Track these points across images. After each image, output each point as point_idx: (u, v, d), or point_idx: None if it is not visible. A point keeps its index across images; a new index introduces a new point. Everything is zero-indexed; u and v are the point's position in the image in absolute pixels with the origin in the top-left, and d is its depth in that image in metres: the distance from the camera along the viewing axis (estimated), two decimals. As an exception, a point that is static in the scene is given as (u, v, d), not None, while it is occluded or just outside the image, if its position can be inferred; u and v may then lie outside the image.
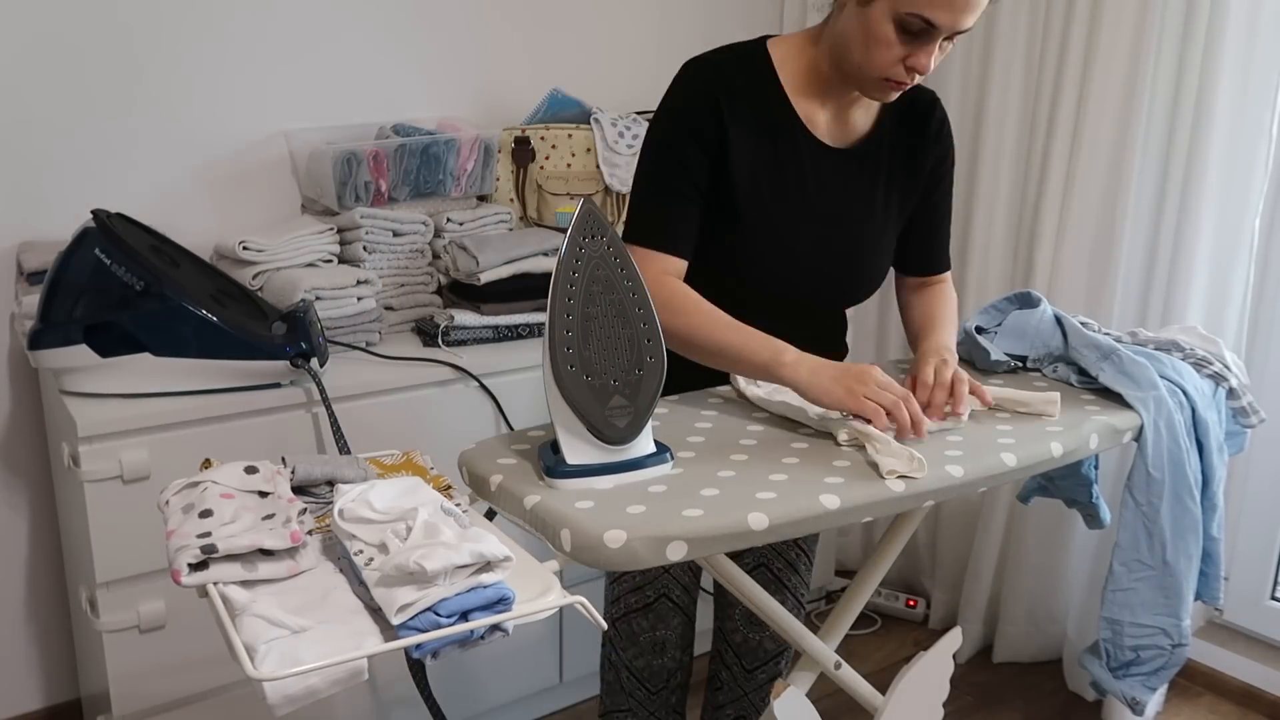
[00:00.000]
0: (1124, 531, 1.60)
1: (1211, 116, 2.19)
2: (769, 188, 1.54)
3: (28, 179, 2.09)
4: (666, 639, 1.77)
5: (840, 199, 1.58)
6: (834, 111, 1.57)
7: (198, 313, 1.78)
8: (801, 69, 1.54)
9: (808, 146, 1.55)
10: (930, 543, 2.89)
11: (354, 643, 1.00)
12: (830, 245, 1.59)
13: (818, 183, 1.56)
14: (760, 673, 1.86)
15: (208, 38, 2.21)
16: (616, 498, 1.23)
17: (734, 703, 1.88)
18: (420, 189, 2.30)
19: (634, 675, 1.79)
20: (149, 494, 1.76)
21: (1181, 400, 1.59)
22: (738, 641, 1.84)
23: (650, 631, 1.76)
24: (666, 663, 1.79)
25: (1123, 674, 1.65)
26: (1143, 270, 2.37)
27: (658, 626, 1.76)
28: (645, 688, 1.79)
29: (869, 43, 1.41)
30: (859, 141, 1.59)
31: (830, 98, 1.56)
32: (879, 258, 1.65)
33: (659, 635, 1.76)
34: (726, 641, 1.86)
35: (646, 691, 1.79)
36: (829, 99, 1.56)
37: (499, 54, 2.56)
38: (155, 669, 1.86)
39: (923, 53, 1.41)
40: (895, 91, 1.48)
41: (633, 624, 1.76)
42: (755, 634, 1.83)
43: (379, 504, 1.12)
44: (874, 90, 1.49)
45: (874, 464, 1.31)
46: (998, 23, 2.50)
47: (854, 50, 1.44)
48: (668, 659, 1.79)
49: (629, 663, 1.79)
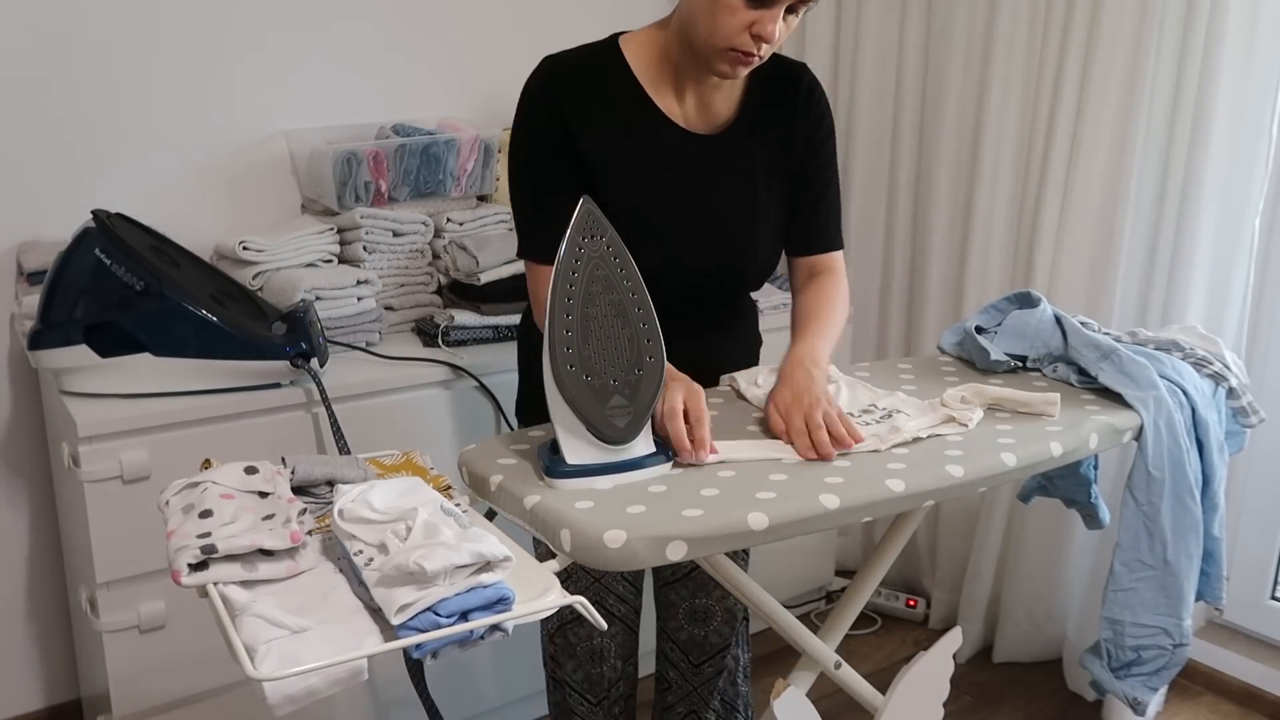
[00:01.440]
0: (1125, 531, 1.60)
1: (1211, 116, 2.18)
2: (635, 181, 1.54)
3: (28, 179, 2.09)
4: (605, 647, 1.77)
5: (712, 184, 1.58)
6: (695, 99, 1.56)
7: (198, 313, 1.78)
8: (654, 60, 1.55)
9: (670, 136, 1.55)
10: (930, 543, 2.89)
11: (354, 643, 1.00)
12: (709, 231, 1.58)
13: (687, 171, 1.56)
14: (708, 666, 1.86)
15: (208, 38, 2.21)
16: (616, 498, 1.22)
17: (683, 700, 1.88)
18: (420, 189, 2.30)
19: (575, 689, 1.79)
20: (149, 494, 1.76)
21: (1181, 400, 1.59)
22: (683, 639, 1.84)
23: (587, 640, 1.76)
24: (606, 671, 1.78)
25: (1124, 674, 1.64)
26: (1143, 270, 2.37)
27: (594, 634, 1.75)
28: (587, 700, 1.79)
29: (714, 12, 1.41)
30: (725, 125, 1.59)
31: (688, 85, 1.55)
32: (763, 238, 1.62)
33: (596, 644, 1.76)
34: (671, 641, 1.86)
35: (589, 704, 1.79)
36: (686, 86, 1.55)
37: (499, 54, 2.56)
38: (155, 669, 1.86)
39: (767, 19, 1.40)
40: (744, 66, 1.46)
41: (568, 635, 1.76)
42: (700, 630, 1.83)
43: (379, 504, 1.12)
44: (722, 63, 1.46)
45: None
46: (998, 22, 2.50)
47: (700, 24, 1.44)
48: (607, 668, 1.78)
49: (569, 676, 1.78)
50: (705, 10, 1.42)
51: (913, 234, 2.84)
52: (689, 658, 1.85)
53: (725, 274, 1.63)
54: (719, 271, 1.62)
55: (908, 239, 2.85)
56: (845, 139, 2.90)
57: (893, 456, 1.35)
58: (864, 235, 2.91)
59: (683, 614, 1.83)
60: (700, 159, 1.57)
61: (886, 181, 2.87)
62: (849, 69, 2.86)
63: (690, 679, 1.86)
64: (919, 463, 1.34)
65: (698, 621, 1.82)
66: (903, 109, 2.77)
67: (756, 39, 1.42)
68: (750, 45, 1.42)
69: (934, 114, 2.71)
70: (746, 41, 1.42)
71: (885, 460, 1.34)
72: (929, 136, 2.73)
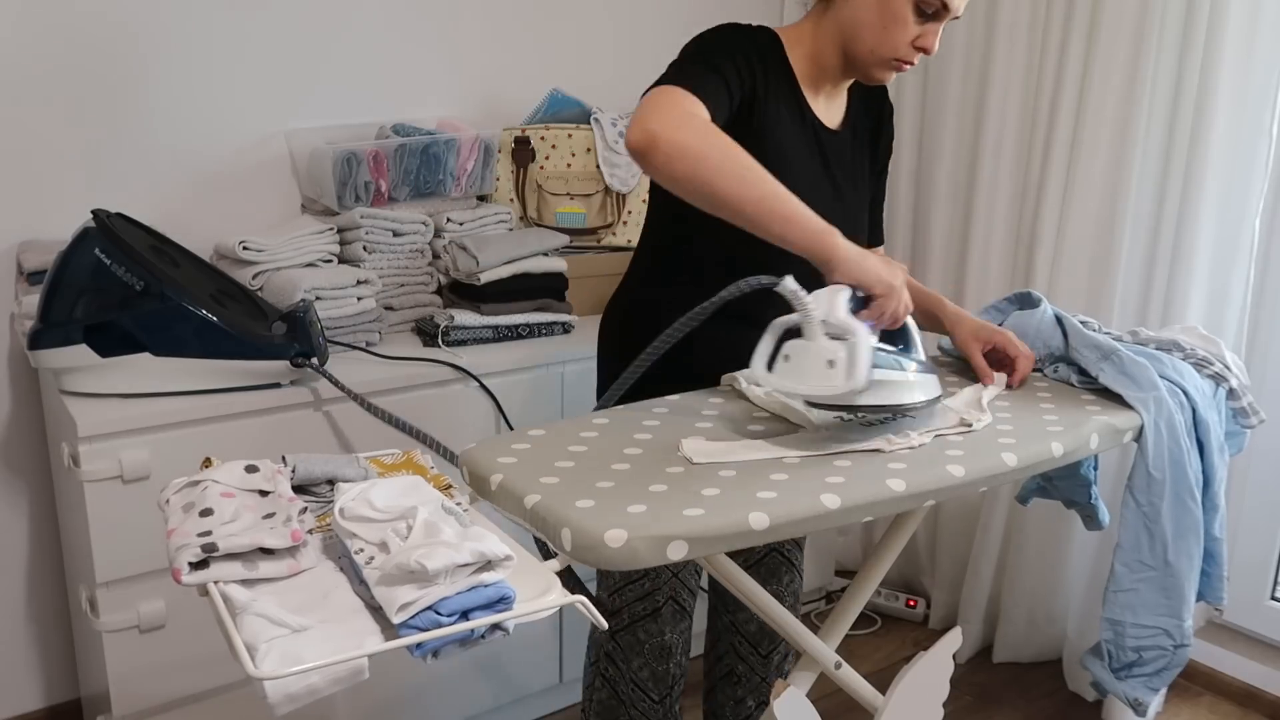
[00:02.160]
0: (1125, 532, 1.60)
1: (1211, 116, 2.19)
2: (792, 155, 1.59)
3: (28, 179, 2.09)
4: (674, 643, 1.77)
5: (840, 177, 1.66)
6: (827, 97, 1.66)
7: (198, 313, 1.78)
8: (804, 56, 1.62)
9: (814, 123, 1.63)
10: (930, 543, 2.89)
11: (354, 642, 1.00)
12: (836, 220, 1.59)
13: (823, 162, 1.64)
14: (775, 654, 1.89)
15: (208, 37, 2.21)
16: (617, 496, 1.22)
17: (753, 692, 1.89)
18: (420, 189, 2.30)
19: (638, 686, 1.78)
20: (149, 494, 1.76)
21: (1182, 400, 1.59)
22: (753, 630, 1.85)
23: (658, 637, 1.75)
24: (672, 668, 1.78)
25: (1125, 675, 1.64)
26: (1143, 270, 2.37)
27: (665, 631, 1.75)
28: (649, 696, 1.78)
29: (886, 25, 1.52)
30: (842, 125, 1.69)
31: (824, 84, 1.64)
32: (859, 234, 1.73)
33: (666, 640, 1.76)
34: (740, 633, 1.86)
35: (650, 700, 1.78)
36: (823, 85, 1.64)
37: (499, 54, 2.56)
38: (155, 669, 1.86)
39: (932, 33, 1.53)
40: (898, 73, 1.59)
41: (638, 632, 1.75)
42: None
43: (379, 503, 1.12)
44: (880, 71, 1.58)
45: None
46: (998, 22, 2.50)
47: (867, 35, 1.54)
48: (673, 664, 1.78)
49: (634, 674, 1.77)
50: (876, 24, 1.52)
51: (913, 234, 2.84)
52: (758, 650, 1.86)
53: None
54: None
55: (908, 239, 2.85)
56: (845, 139, 2.91)
57: (894, 456, 1.35)
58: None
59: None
60: (833, 153, 1.66)
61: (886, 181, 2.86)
62: (849, 69, 2.86)
63: (759, 670, 1.88)
64: (920, 462, 1.34)
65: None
66: (903, 109, 2.77)
67: (919, 50, 1.54)
68: (912, 56, 1.55)
69: (934, 114, 2.71)
70: (910, 53, 1.54)
71: (886, 460, 1.34)
72: (929, 136, 2.73)
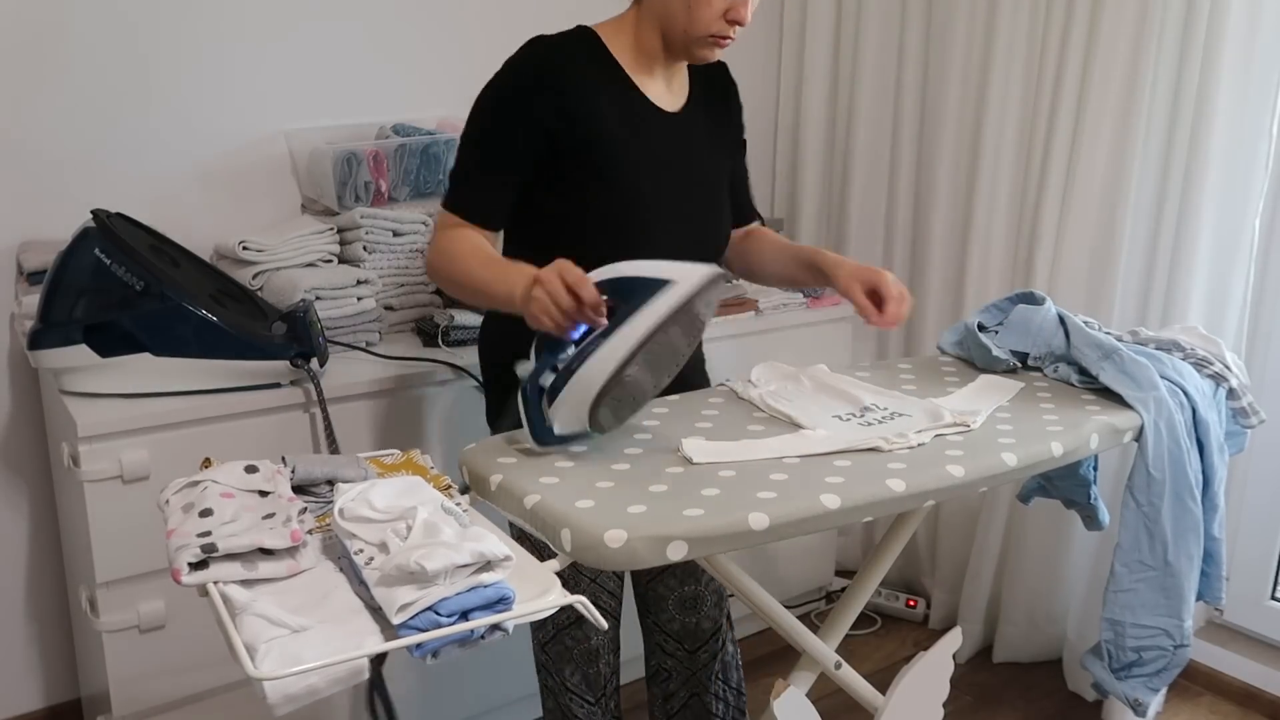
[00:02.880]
0: (1125, 532, 1.60)
1: (1211, 116, 2.18)
2: (623, 144, 1.59)
3: (28, 179, 2.09)
4: (600, 645, 1.78)
5: (684, 156, 1.66)
6: (664, 80, 1.67)
7: (198, 313, 1.78)
8: (628, 46, 1.63)
9: (648, 110, 1.63)
10: (930, 543, 2.89)
11: (354, 642, 1.00)
12: (684, 200, 1.65)
13: (664, 141, 1.64)
14: (703, 652, 1.87)
15: (208, 37, 2.21)
16: (617, 497, 1.23)
17: (685, 685, 1.89)
18: (420, 189, 2.30)
19: (573, 692, 1.79)
20: (149, 494, 1.76)
21: (1182, 400, 1.59)
22: (675, 629, 1.85)
23: (584, 642, 1.77)
24: (601, 669, 1.79)
25: (1125, 675, 1.64)
26: (1143, 270, 2.37)
27: (591, 634, 1.76)
28: (586, 700, 1.80)
29: (690, 5, 1.53)
30: (684, 107, 1.69)
31: (657, 69, 1.65)
32: (722, 212, 1.74)
33: (592, 644, 1.77)
34: (664, 633, 1.87)
35: (588, 705, 1.80)
36: (655, 70, 1.65)
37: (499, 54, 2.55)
38: (155, 669, 1.86)
39: (740, 4, 1.53)
40: (719, 48, 1.59)
41: (565, 640, 1.77)
42: (691, 618, 1.84)
43: (379, 503, 1.12)
44: (701, 49, 1.59)
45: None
46: (998, 22, 2.50)
47: (678, 16, 1.55)
48: (602, 665, 1.79)
49: (566, 680, 1.79)
50: (681, 6, 1.53)
51: (913, 234, 2.84)
52: (684, 645, 1.86)
53: (695, 243, 1.68)
54: (691, 240, 1.67)
55: (908, 239, 2.85)
56: (845, 139, 2.91)
57: (893, 456, 1.35)
58: (864, 235, 2.91)
59: (672, 604, 1.84)
60: (677, 134, 1.66)
61: (886, 181, 2.87)
62: (849, 69, 2.86)
63: (688, 664, 1.87)
64: (919, 462, 1.34)
65: (688, 609, 1.83)
66: (903, 109, 2.77)
67: (732, 23, 1.55)
68: (727, 30, 1.56)
69: (934, 114, 2.71)
70: (724, 27, 1.55)
71: (886, 460, 1.34)
72: (929, 136, 2.73)
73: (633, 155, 1.59)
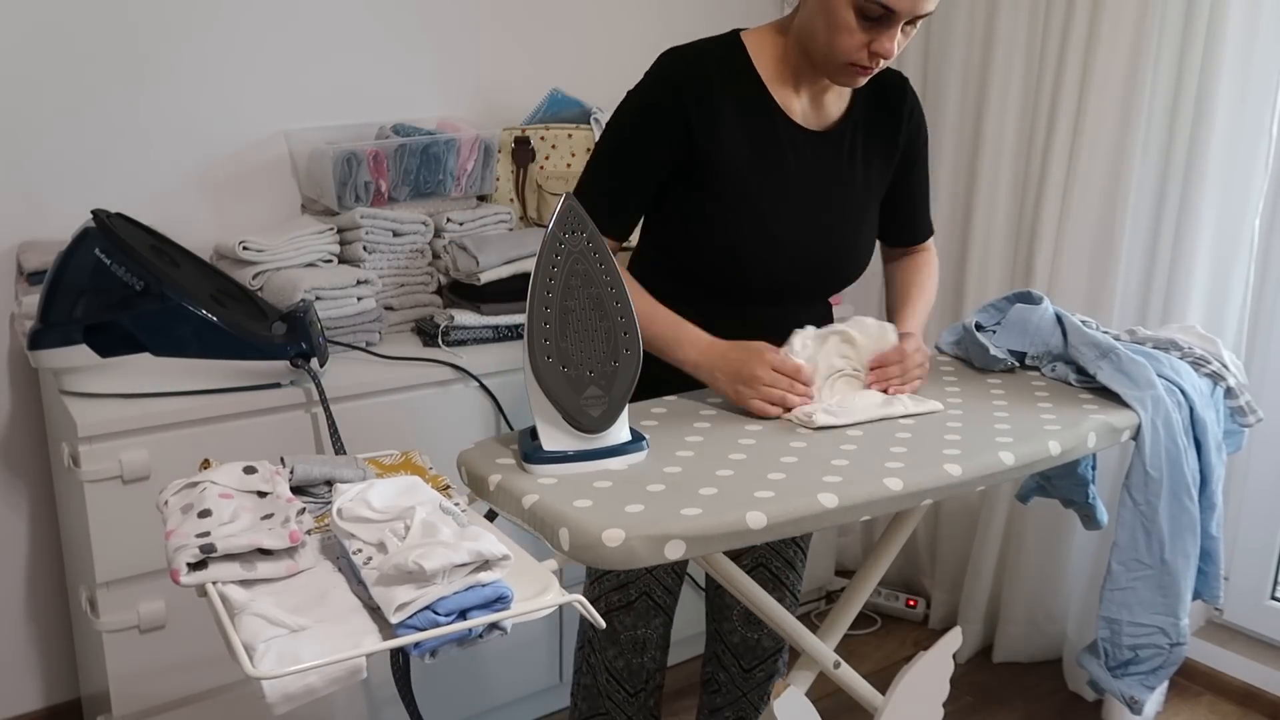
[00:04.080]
0: (1122, 531, 1.60)
1: (1211, 116, 2.19)
2: (750, 168, 1.57)
3: (28, 179, 2.10)
4: (647, 638, 1.77)
5: (820, 179, 1.61)
6: (809, 98, 1.61)
7: (198, 313, 1.78)
8: (774, 58, 1.58)
9: (786, 129, 1.59)
10: (930, 543, 2.89)
11: (352, 641, 1.00)
12: (812, 225, 1.61)
13: (798, 163, 1.60)
14: (759, 671, 1.86)
15: (208, 37, 2.21)
16: (615, 496, 1.23)
17: (732, 704, 1.88)
18: (420, 189, 2.30)
19: (613, 677, 1.79)
20: (149, 494, 1.76)
21: (1179, 399, 1.59)
22: (735, 642, 1.84)
23: (631, 630, 1.76)
24: (646, 663, 1.79)
25: (1121, 673, 1.65)
26: (1143, 270, 2.37)
27: (639, 625, 1.76)
28: (624, 689, 1.79)
29: (832, 31, 1.46)
30: (834, 125, 1.63)
31: (803, 85, 1.60)
32: (859, 238, 1.67)
33: (639, 634, 1.77)
34: (724, 643, 1.86)
35: (625, 693, 1.79)
36: (802, 86, 1.60)
37: (499, 54, 2.56)
38: (155, 669, 1.86)
39: (885, 37, 1.45)
40: (862, 76, 1.52)
41: (614, 622, 1.76)
42: (754, 633, 1.83)
43: (377, 503, 1.12)
44: (841, 76, 1.53)
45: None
46: (998, 22, 2.50)
47: (819, 39, 1.49)
48: (647, 659, 1.79)
49: (609, 663, 1.78)
50: (823, 29, 1.47)
51: (912, 234, 2.83)
52: (740, 662, 1.85)
53: (820, 272, 1.65)
54: (815, 270, 1.64)
55: (907, 239, 2.84)
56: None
57: (891, 455, 1.36)
58: (864, 235, 2.91)
59: (737, 616, 1.83)
60: (809, 154, 1.61)
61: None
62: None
63: (740, 683, 1.86)
64: (917, 461, 1.34)
65: (752, 624, 1.83)
66: (902, 109, 2.77)
67: (874, 55, 1.47)
68: (868, 61, 1.48)
69: (934, 114, 2.70)
70: (864, 58, 1.47)
71: (883, 459, 1.34)
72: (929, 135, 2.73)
73: (757, 177, 1.56)
